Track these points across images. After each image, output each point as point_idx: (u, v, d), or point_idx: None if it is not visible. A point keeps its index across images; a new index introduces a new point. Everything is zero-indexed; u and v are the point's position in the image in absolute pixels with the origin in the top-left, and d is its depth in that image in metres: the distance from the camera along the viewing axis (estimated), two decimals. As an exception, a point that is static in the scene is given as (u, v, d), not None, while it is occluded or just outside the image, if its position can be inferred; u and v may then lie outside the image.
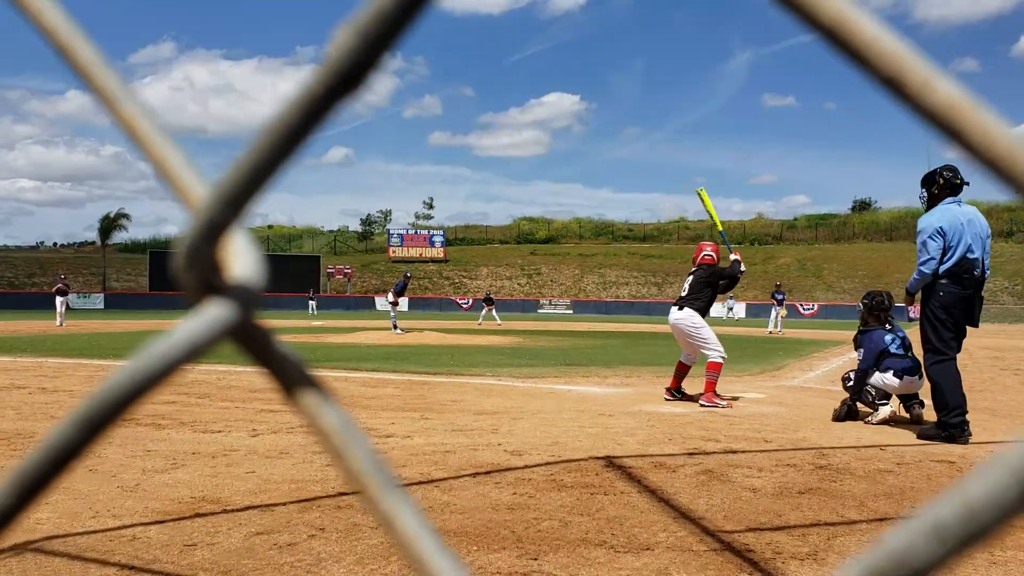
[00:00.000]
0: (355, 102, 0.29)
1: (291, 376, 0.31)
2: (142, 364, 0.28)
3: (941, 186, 5.84)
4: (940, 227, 5.69)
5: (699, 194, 8.26)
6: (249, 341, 0.31)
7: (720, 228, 8.22)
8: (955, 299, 5.67)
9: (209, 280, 0.31)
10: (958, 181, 5.82)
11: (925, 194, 6.00)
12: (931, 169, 6.00)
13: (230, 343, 0.31)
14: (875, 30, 0.22)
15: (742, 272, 7.96)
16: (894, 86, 0.22)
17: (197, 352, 0.29)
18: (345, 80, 0.27)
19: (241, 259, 0.31)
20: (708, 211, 8.27)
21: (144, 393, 0.29)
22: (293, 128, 0.28)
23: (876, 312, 6.82)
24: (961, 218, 5.72)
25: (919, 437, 5.72)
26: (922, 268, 5.73)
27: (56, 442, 0.29)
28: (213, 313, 0.30)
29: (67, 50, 0.34)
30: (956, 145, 0.22)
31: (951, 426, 5.57)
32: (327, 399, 0.30)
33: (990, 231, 5.91)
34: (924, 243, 5.74)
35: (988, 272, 5.83)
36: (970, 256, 5.67)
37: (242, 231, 0.31)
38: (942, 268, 5.69)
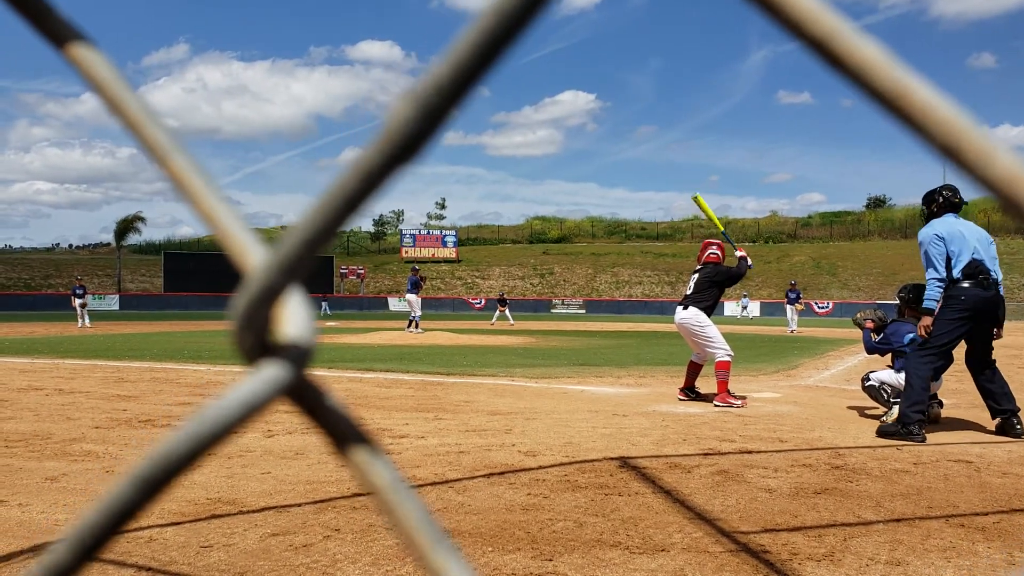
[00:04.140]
0: (412, 170, 0.29)
1: (343, 432, 0.31)
2: (200, 426, 0.29)
3: (941, 204, 5.98)
4: (937, 233, 5.81)
5: (696, 200, 8.40)
6: (303, 399, 0.31)
7: (722, 229, 8.21)
8: (978, 300, 5.66)
9: (264, 340, 0.31)
10: (957, 200, 5.99)
11: (926, 211, 6.14)
12: (932, 188, 6.17)
13: (284, 401, 0.31)
14: (931, 99, 0.22)
15: (749, 267, 7.95)
16: (952, 156, 0.22)
17: (253, 412, 0.29)
18: (402, 150, 0.27)
19: (294, 318, 0.31)
20: (708, 215, 8.36)
21: (202, 454, 0.29)
22: (351, 197, 0.28)
23: (915, 305, 6.64)
24: (958, 226, 5.85)
25: (878, 434, 5.71)
26: (933, 277, 5.75)
27: (114, 502, 0.29)
28: (268, 373, 0.30)
29: (117, 105, 0.34)
30: (1018, 218, 0.22)
31: (908, 420, 5.59)
32: (379, 455, 0.30)
33: (992, 240, 6.02)
34: (926, 252, 5.87)
35: (1000, 276, 5.89)
36: (976, 257, 5.73)
37: (295, 289, 0.31)
38: (957, 270, 5.70)
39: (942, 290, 5.74)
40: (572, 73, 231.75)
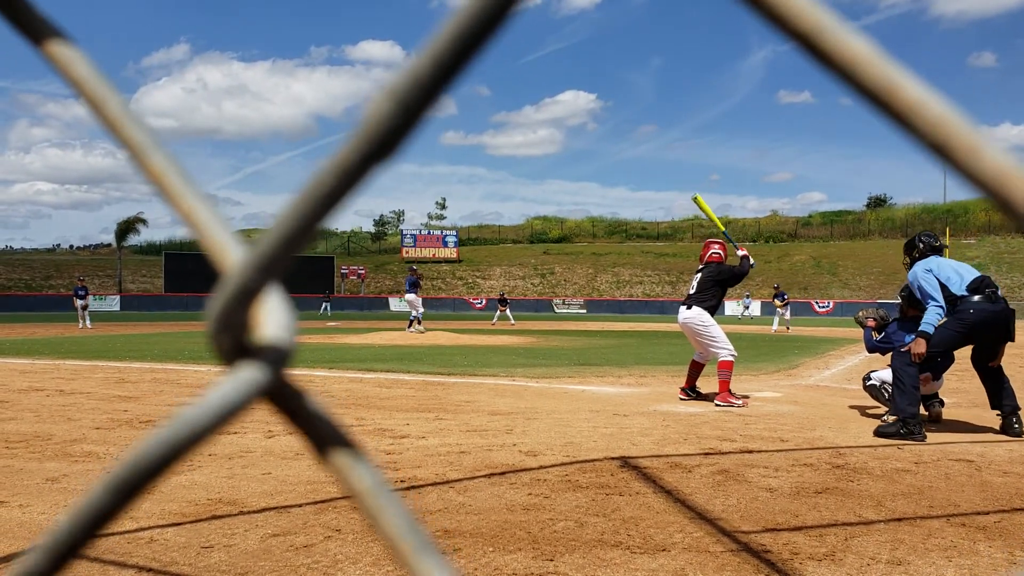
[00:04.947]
0: (390, 167, 0.28)
1: (324, 436, 0.30)
2: (175, 429, 0.28)
3: (922, 250, 6.16)
4: (924, 268, 5.93)
5: (696, 200, 8.50)
6: (282, 401, 0.30)
7: (723, 229, 8.23)
8: (987, 314, 5.66)
9: (242, 342, 0.31)
10: (936, 244, 6.16)
11: (908, 260, 6.28)
12: (909, 238, 6.40)
13: (263, 404, 0.31)
14: (920, 95, 0.22)
15: (751, 265, 7.96)
16: (941, 152, 0.22)
17: (231, 415, 0.29)
18: (380, 147, 0.27)
19: (272, 319, 0.30)
20: (708, 215, 8.43)
21: (178, 458, 0.29)
22: (328, 195, 0.28)
23: (918, 304, 6.59)
24: (942, 260, 5.99)
25: (876, 433, 5.71)
26: (934, 304, 5.77)
27: (88, 508, 0.29)
28: (246, 375, 0.30)
29: (96, 103, 0.33)
30: (1007, 215, 0.22)
31: (906, 415, 5.63)
32: (360, 459, 0.30)
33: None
34: (920, 288, 5.93)
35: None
36: (979, 275, 5.83)
37: (274, 289, 0.31)
38: (960, 288, 5.73)
39: (941, 316, 5.77)
40: (573, 73, 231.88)
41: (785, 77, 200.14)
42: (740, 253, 7.98)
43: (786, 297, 29.42)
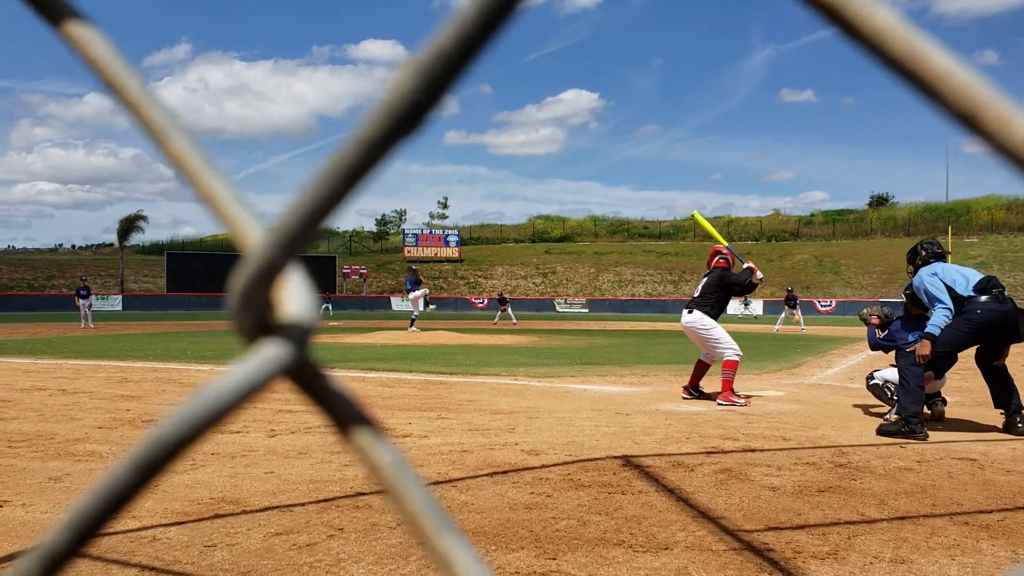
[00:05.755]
0: (413, 142, 0.28)
1: (345, 414, 0.31)
2: (198, 406, 0.28)
3: (924, 257, 6.20)
4: (931, 272, 5.95)
5: (695, 218, 8.58)
6: (304, 380, 0.30)
7: (726, 244, 8.23)
8: (994, 314, 5.66)
9: (264, 320, 0.31)
10: (939, 251, 6.21)
11: (912, 268, 6.35)
12: (912, 247, 6.45)
13: (285, 382, 0.31)
14: (948, 63, 0.21)
15: (760, 279, 7.87)
16: (969, 122, 0.21)
17: (253, 392, 0.29)
18: (404, 122, 0.27)
19: (295, 297, 0.30)
20: (709, 232, 8.53)
21: (201, 435, 0.29)
22: (351, 170, 0.28)
23: (922, 303, 6.58)
24: (948, 265, 6.03)
25: (878, 432, 5.71)
26: (942, 306, 5.76)
27: (110, 485, 0.29)
28: (268, 353, 0.31)
29: (115, 84, 0.33)
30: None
31: (909, 413, 5.63)
32: (381, 438, 0.30)
33: None
34: (926, 291, 5.93)
35: None
36: (985, 275, 5.84)
37: (296, 268, 0.31)
38: (970, 289, 5.73)
39: (949, 317, 5.77)
40: (575, 72, 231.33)
41: (787, 76, 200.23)
42: (745, 265, 7.98)
43: (796, 301, 29.56)
